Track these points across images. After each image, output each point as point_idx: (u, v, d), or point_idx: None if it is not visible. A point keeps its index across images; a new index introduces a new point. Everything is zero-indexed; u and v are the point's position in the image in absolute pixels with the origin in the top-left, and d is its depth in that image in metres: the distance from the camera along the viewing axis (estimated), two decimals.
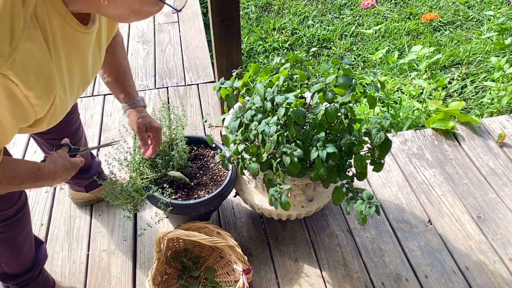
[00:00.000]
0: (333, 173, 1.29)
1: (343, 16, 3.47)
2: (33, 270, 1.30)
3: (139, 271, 1.59)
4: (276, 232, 1.70)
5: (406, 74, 2.71)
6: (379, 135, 1.21)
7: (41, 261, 1.33)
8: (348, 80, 1.28)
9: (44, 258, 1.35)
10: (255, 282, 1.54)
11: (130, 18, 0.83)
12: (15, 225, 1.16)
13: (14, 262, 1.24)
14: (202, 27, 3.03)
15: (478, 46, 2.96)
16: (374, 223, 1.73)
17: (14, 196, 1.13)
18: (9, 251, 1.20)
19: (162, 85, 2.54)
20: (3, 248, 1.19)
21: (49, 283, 1.40)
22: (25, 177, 0.93)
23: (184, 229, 1.46)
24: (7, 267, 1.24)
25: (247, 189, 1.55)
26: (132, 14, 0.81)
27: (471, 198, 1.82)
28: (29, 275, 1.29)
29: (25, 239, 1.22)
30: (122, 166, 1.49)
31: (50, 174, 1.00)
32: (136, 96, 1.28)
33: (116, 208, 1.80)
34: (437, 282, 1.53)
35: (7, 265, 1.23)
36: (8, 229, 1.15)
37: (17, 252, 1.22)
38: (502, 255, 1.61)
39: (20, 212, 1.16)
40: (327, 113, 1.24)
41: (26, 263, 1.27)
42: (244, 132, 1.34)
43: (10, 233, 1.16)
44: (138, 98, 1.28)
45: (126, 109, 1.28)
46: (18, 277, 1.27)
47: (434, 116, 2.17)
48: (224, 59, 1.88)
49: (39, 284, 1.35)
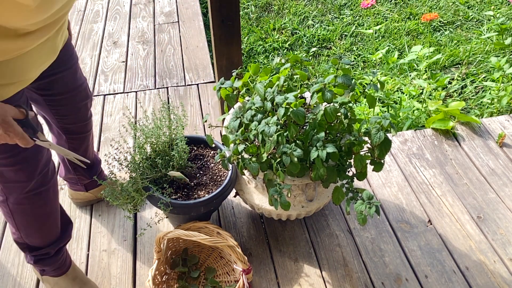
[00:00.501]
0: (333, 173, 1.29)
1: (343, 16, 3.47)
2: (51, 247, 1.32)
3: (139, 271, 1.59)
4: (276, 232, 1.70)
5: (406, 74, 2.71)
6: (378, 135, 1.21)
7: (62, 241, 1.35)
8: (347, 80, 1.28)
9: (66, 238, 1.37)
10: (255, 282, 1.54)
11: None
12: (36, 199, 1.18)
13: (34, 235, 1.27)
14: (202, 27, 3.03)
15: (478, 46, 2.96)
16: (374, 223, 1.73)
17: (36, 169, 1.14)
18: (29, 223, 1.23)
19: (162, 85, 2.54)
20: (22, 219, 1.21)
21: (65, 264, 1.42)
22: None
23: (184, 229, 1.46)
24: (27, 238, 1.27)
25: (247, 189, 1.55)
26: None
27: (471, 198, 1.82)
28: (46, 250, 1.31)
29: (47, 216, 1.25)
30: (122, 166, 1.49)
31: None
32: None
33: (116, 208, 1.80)
34: (437, 282, 1.53)
35: (27, 236, 1.26)
36: (28, 201, 1.17)
37: (37, 226, 1.25)
38: (502, 255, 1.61)
39: (43, 187, 1.18)
40: (327, 113, 1.24)
41: (46, 239, 1.29)
42: (244, 132, 1.34)
43: (30, 206, 1.18)
44: None
45: None
46: (37, 250, 1.30)
47: (434, 116, 2.17)
48: (224, 59, 1.88)
49: (55, 262, 1.37)
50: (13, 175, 1.11)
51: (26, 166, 1.11)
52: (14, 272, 1.59)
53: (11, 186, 1.14)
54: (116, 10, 3.26)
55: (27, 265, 1.61)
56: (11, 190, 1.15)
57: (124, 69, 2.66)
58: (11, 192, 1.15)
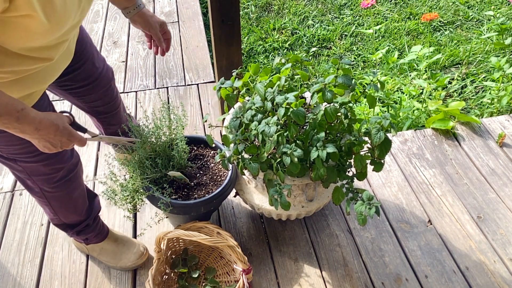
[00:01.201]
0: (333, 173, 1.29)
1: (343, 16, 3.47)
2: (89, 219, 1.44)
3: (139, 271, 1.59)
4: (276, 232, 1.70)
5: (406, 74, 2.71)
6: (379, 135, 1.21)
7: (95, 212, 1.47)
8: (347, 80, 1.28)
9: (98, 209, 1.49)
10: (255, 282, 1.54)
11: None
12: (68, 185, 1.26)
13: (71, 215, 1.38)
14: (202, 27, 3.03)
15: (478, 46, 2.96)
16: (374, 223, 1.73)
17: (64, 158, 1.21)
18: (64, 207, 1.33)
19: (162, 85, 2.54)
20: (58, 204, 1.31)
21: (103, 229, 1.55)
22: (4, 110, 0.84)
23: (184, 229, 1.46)
24: (66, 219, 1.39)
25: (247, 189, 1.55)
26: None
27: (471, 198, 1.82)
28: (85, 223, 1.44)
29: (78, 196, 1.34)
30: (122, 166, 1.49)
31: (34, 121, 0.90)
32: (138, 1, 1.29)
33: (116, 208, 1.80)
34: (437, 282, 1.53)
35: (65, 217, 1.37)
36: (61, 189, 1.25)
37: (71, 207, 1.35)
38: (502, 255, 1.61)
39: (72, 172, 1.26)
40: (327, 113, 1.24)
41: (81, 215, 1.41)
42: (244, 132, 1.34)
43: (63, 192, 1.27)
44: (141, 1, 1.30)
45: (134, 12, 1.27)
46: (76, 226, 1.43)
47: (434, 116, 2.17)
48: (224, 59, 1.88)
49: (95, 230, 1.50)
50: (43, 169, 1.18)
51: (54, 160, 1.18)
52: (14, 272, 1.59)
53: (42, 179, 1.21)
54: (116, 10, 3.25)
55: (27, 265, 1.61)
56: (43, 182, 1.21)
57: (124, 69, 2.66)
58: (44, 184, 1.22)
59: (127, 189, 1.42)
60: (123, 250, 1.57)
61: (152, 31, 1.30)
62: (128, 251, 1.57)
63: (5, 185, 1.93)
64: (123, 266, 1.56)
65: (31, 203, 1.84)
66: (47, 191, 1.25)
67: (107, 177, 1.47)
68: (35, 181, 1.21)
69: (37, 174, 1.19)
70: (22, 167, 1.15)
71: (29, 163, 1.14)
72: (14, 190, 1.91)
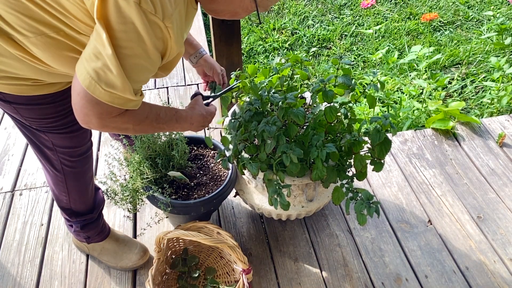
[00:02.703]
0: (333, 173, 1.29)
1: (343, 16, 3.47)
2: (94, 212, 1.47)
3: (139, 271, 1.59)
4: (276, 232, 1.70)
5: (406, 74, 2.71)
6: (378, 135, 1.21)
7: (100, 204, 1.50)
8: (347, 80, 1.28)
9: (102, 202, 1.52)
10: (255, 282, 1.54)
11: (225, 16, 1.03)
12: (85, 162, 1.32)
13: (81, 199, 1.41)
14: (202, 27, 3.03)
15: (478, 46, 2.96)
16: (374, 223, 1.73)
17: (87, 134, 1.27)
18: (79, 187, 1.36)
19: (162, 85, 2.54)
20: (74, 183, 1.34)
21: (105, 228, 1.57)
22: (166, 117, 1.07)
23: (184, 229, 1.46)
24: (74, 204, 1.40)
25: (247, 189, 1.55)
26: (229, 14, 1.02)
27: (471, 198, 1.82)
28: (91, 216, 1.46)
29: (90, 178, 1.39)
30: (122, 166, 1.50)
31: (187, 118, 1.15)
32: (201, 46, 1.44)
33: (116, 208, 1.80)
34: (437, 282, 1.53)
35: (75, 201, 1.40)
36: (81, 164, 1.30)
37: (84, 189, 1.39)
38: (502, 255, 1.61)
39: (89, 150, 1.32)
40: (326, 113, 1.24)
41: (89, 203, 1.44)
42: (244, 132, 1.34)
43: (82, 168, 1.32)
44: (202, 47, 1.44)
45: (199, 57, 1.42)
46: (81, 215, 1.44)
47: (434, 116, 2.17)
48: (224, 59, 1.88)
49: (98, 226, 1.52)
50: (68, 142, 1.22)
51: (81, 133, 1.23)
52: (14, 272, 1.59)
53: (66, 151, 1.24)
54: None
55: (27, 265, 1.61)
56: (65, 154, 1.25)
57: None
58: (65, 157, 1.25)
59: (127, 189, 1.42)
60: (124, 250, 1.57)
61: (216, 75, 1.43)
62: (129, 251, 1.57)
63: (5, 185, 1.93)
64: (124, 266, 1.56)
65: (31, 203, 1.84)
66: (66, 166, 1.28)
67: (107, 177, 1.47)
68: (58, 152, 1.23)
69: (62, 146, 1.21)
70: (49, 138, 1.18)
71: (59, 134, 1.17)
72: (14, 190, 1.91)
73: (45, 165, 1.29)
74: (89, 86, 0.84)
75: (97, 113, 0.89)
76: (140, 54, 0.84)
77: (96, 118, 0.89)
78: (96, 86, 0.84)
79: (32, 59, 0.93)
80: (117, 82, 0.84)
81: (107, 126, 0.93)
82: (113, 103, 0.87)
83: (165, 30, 0.85)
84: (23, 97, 1.03)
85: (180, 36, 0.91)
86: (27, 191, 1.90)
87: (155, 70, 0.93)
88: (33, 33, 0.87)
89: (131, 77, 0.86)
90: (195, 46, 1.41)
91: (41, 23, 0.86)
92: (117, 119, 0.93)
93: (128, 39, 0.81)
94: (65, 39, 0.90)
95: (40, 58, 0.92)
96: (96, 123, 0.91)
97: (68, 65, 0.95)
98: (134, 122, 0.98)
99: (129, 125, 0.97)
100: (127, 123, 0.96)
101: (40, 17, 0.85)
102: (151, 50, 0.85)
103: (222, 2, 0.98)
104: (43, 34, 0.87)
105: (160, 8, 0.82)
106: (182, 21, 0.92)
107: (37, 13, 0.85)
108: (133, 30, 0.81)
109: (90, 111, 0.88)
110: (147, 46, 0.84)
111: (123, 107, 0.90)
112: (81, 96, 0.86)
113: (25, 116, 1.09)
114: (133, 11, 0.79)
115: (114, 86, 0.85)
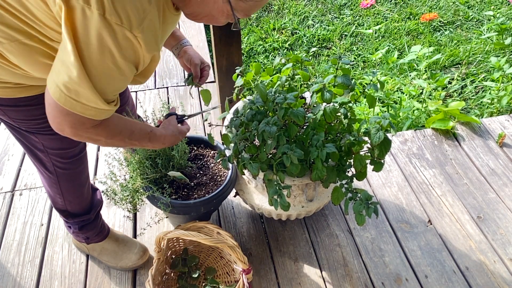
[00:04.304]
0: (333, 173, 1.29)
1: (343, 16, 3.47)
2: (91, 213, 1.46)
3: (139, 271, 1.59)
4: (276, 232, 1.70)
5: (406, 74, 2.71)
6: (378, 135, 1.21)
7: (97, 205, 1.49)
8: (346, 80, 1.28)
9: (100, 203, 1.51)
10: (255, 282, 1.54)
11: (202, 20, 1.00)
12: (79, 164, 1.31)
13: (76, 200, 1.40)
14: (202, 27, 3.03)
15: (478, 46, 2.96)
16: (374, 223, 1.73)
17: None
18: (73, 188, 1.36)
19: (162, 85, 2.54)
20: (68, 184, 1.34)
21: (104, 228, 1.57)
22: (140, 135, 1.07)
23: (184, 229, 1.46)
24: (70, 205, 1.40)
25: (247, 189, 1.55)
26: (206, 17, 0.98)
27: (471, 198, 1.82)
28: (88, 216, 1.46)
29: (85, 180, 1.39)
30: (122, 166, 1.49)
31: (160, 137, 1.15)
32: (185, 38, 1.41)
33: (116, 208, 1.80)
34: (437, 282, 1.53)
35: (70, 203, 1.39)
36: (74, 165, 1.30)
37: (79, 191, 1.38)
38: (502, 255, 1.61)
39: (83, 152, 1.31)
40: (326, 113, 1.24)
41: (85, 204, 1.44)
42: (245, 132, 1.34)
43: (75, 170, 1.31)
44: (186, 39, 1.41)
45: (180, 48, 1.39)
46: (78, 216, 1.44)
47: (434, 116, 2.17)
48: (224, 59, 1.88)
49: (96, 227, 1.52)
50: (59, 144, 1.21)
51: None
52: (14, 272, 1.59)
53: (57, 153, 1.24)
54: None
55: (27, 265, 1.61)
56: (57, 156, 1.24)
57: None
58: (57, 158, 1.25)
59: (127, 189, 1.42)
60: (124, 250, 1.57)
61: (193, 66, 1.39)
62: (129, 251, 1.57)
63: (5, 185, 1.93)
64: (124, 266, 1.56)
65: (31, 203, 1.84)
66: (59, 168, 1.27)
67: (107, 177, 1.47)
68: (49, 154, 1.23)
69: (53, 147, 1.21)
70: (39, 139, 1.18)
71: (48, 135, 1.17)
72: (14, 190, 1.91)
73: (38, 167, 1.29)
74: (59, 98, 0.84)
75: (70, 123, 0.89)
76: (108, 65, 0.83)
77: (69, 127, 0.90)
78: (66, 98, 0.84)
79: (9, 64, 0.93)
80: (86, 93, 0.84)
81: (81, 135, 0.93)
82: (84, 114, 0.87)
83: (134, 40, 0.83)
84: (9, 99, 1.03)
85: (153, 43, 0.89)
86: (27, 191, 1.90)
87: (129, 79, 0.92)
88: (7, 39, 0.87)
89: (100, 87, 0.85)
90: (178, 38, 1.39)
91: (14, 29, 0.86)
92: (90, 130, 0.93)
93: (94, 50, 0.80)
94: (39, 45, 0.89)
95: (16, 64, 0.92)
96: (69, 132, 0.91)
97: (44, 71, 0.95)
98: (107, 136, 0.97)
99: (101, 137, 0.97)
100: (99, 136, 0.96)
101: (13, 23, 0.85)
102: (119, 61, 0.84)
103: (196, 4, 0.95)
104: (17, 40, 0.87)
105: (126, 18, 0.80)
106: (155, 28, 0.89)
107: (9, 20, 0.85)
108: (99, 41, 0.79)
109: (63, 120, 0.88)
110: (115, 57, 0.83)
111: (95, 118, 0.90)
112: (53, 107, 0.87)
113: (13, 117, 1.10)
114: (98, 23, 0.78)
115: (84, 97, 0.84)
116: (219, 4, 0.93)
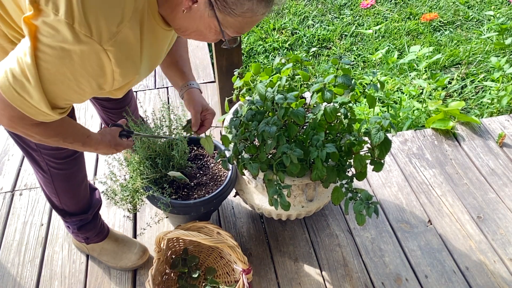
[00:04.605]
0: (333, 173, 1.29)
1: (343, 16, 3.47)
2: (89, 213, 1.46)
3: (139, 271, 1.59)
4: (276, 232, 1.70)
5: (406, 74, 2.71)
6: (378, 135, 1.21)
7: (95, 205, 1.49)
8: (347, 80, 1.28)
9: (98, 202, 1.51)
10: (255, 282, 1.54)
11: (191, 35, 0.96)
12: (73, 164, 1.31)
13: (72, 201, 1.39)
14: None
15: (478, 46, 2.96)
16: (374, 223, 1.73)
17: None
18: (68, 189, 1.35)
19: (162, 85, 2.54)
20: (63, 185, 1.33)
21: (104, 228, 1.57)
22: (76, 138, 1.05)
23: (184, 229, 1.46)
24: (65, 205, 1.40)
25: (247, 189, 1.55)
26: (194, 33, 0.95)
27: (471, 198, 1.81)
28: (85, 216, 1.45)
29: (81, 180, 1.38)
30: (122, 166, 1.49)
31: (95, 145, 1.12)
32: (194, 79, 1.34)
33: (116, 208, 1.80)
34: (437, 282, 1.53)
35: (65, 202, 1.39)
36: (68, 166, 1.29)
37: (74, 191, 1.38)
38: (502, 255, 1.61)
39: (77, 152, 1.31)
40: (326, 113, 1.24)
41: (82, 203, 1.43)
42: (244, 132, 1.34)
43: (70, 170, 1.31)
44: (195, 81, 1.34)
45: (184, 90, 1.32)
46: (76, 215, 1.43)
47: (434, 116, 2.17)
48: (224, 59, 1.88)
49: (95, 227, 1.52)
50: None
51: None
52: (14, 272, 1.59)
53: (50, 153, 1.23)
54: None
55: (27, 265, 1.61)
56: (50, 156, 1.24)
57: None
58: (50, 158, 1.25)
59: (127, 189, 1.42)
60: (124, 250, 1.57)
61: (192, 112, 1.31)
62: (129, 251, 1.57)
63: (5, 185, 1.93)
64: (124, 266, 1.56)
65: (31, 203, 1.84)
66: (53, 168, 1.27)
67: (107, 177, 1.47)
68: (42, 154, 1.23)
69: (45, 147, 1.21)
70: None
71: None
72: (14, 190, 1.91)
73: (33, 166, 1.29)
74: (2, 86, 0.80)
75: (9, 115, 0.85)
76: (64, 73, 0.80)
77: (6, 119, 0.87)
78: (10, 89, 0.80)
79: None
80: (33, 92, 0.80)
81: (16, 129, 0.90)
82: (24, 110, 0.84)
83: (102, 53, 0.79)
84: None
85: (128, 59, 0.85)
86: (27, 191, 1.90)
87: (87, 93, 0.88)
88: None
89: (51, 92, 0.82)
90: (185, 78, 1.32)
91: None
92: (27, 127, 0.90)
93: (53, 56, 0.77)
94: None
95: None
96: (5, 123, 0.88)
97: None
98: (43, 135, 0.95)
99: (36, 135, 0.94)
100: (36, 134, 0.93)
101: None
102: (79, 73, 0.81)
103: (182, 18, 0.90)
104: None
105: (97, 30, 0.77)
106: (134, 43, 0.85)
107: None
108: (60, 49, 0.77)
109: (2, 110, 0.85)
110: (74, 68, 0.79)
111: (34, 118, 0.86)
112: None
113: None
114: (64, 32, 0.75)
115: (28, 93, 0.81)
116: (205, 19, 0.88)
